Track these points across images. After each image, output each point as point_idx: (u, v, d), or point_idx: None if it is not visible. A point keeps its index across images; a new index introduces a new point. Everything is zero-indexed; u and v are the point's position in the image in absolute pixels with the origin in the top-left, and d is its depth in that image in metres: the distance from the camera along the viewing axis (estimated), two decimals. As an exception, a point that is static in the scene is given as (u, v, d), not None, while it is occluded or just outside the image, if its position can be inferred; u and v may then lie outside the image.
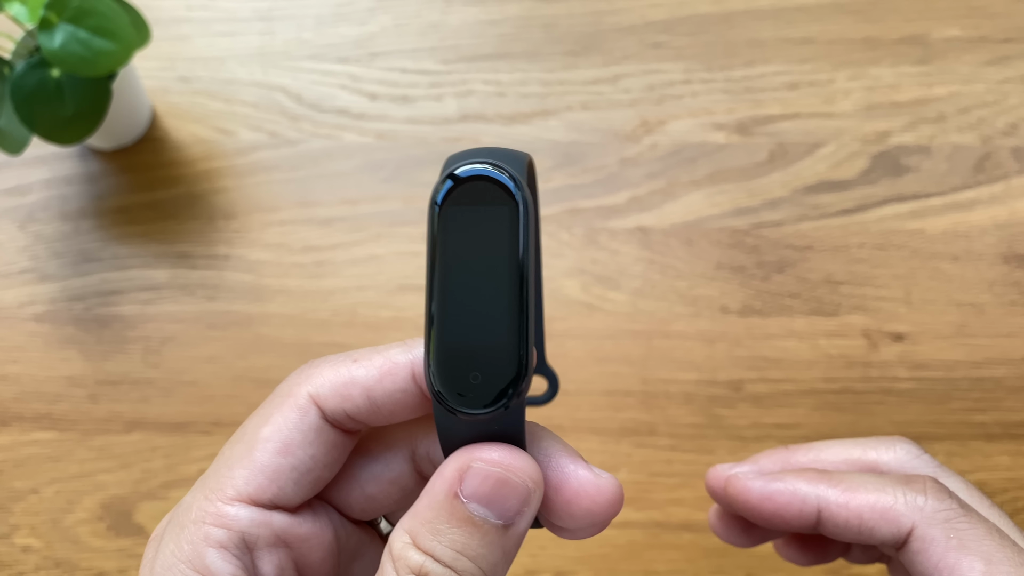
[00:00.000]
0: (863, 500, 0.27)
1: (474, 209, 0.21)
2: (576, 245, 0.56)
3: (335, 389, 0.23)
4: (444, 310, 0.21)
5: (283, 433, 0.22)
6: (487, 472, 0.21)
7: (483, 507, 0.21)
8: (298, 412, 0.23)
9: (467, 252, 0.21)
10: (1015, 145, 0.57)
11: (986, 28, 0.60)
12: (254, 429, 0.23)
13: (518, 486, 0.21)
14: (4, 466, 0.53)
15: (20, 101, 0.50)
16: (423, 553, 0.21)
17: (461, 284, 0.21)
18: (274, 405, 0.23)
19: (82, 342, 0.55)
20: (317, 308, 0.55)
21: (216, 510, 0.22)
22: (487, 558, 0.21)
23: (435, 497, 0.21)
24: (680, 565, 0.49)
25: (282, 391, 0.23)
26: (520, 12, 0.62)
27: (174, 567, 0.22)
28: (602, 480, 0.22)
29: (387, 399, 0.23)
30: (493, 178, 0.21)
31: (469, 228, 0.21)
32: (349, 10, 0.63)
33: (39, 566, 0.51)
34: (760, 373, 0.53)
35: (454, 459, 0.21)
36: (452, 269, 0.21)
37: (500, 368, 0.21)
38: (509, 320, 0.21)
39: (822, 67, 0.60)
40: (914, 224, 0.56)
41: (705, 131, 0.58)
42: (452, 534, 0.21)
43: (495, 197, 0.21)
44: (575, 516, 0.22)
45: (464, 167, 0.21)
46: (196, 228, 0.57)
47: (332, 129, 0.59)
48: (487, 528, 0.21)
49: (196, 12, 0.63)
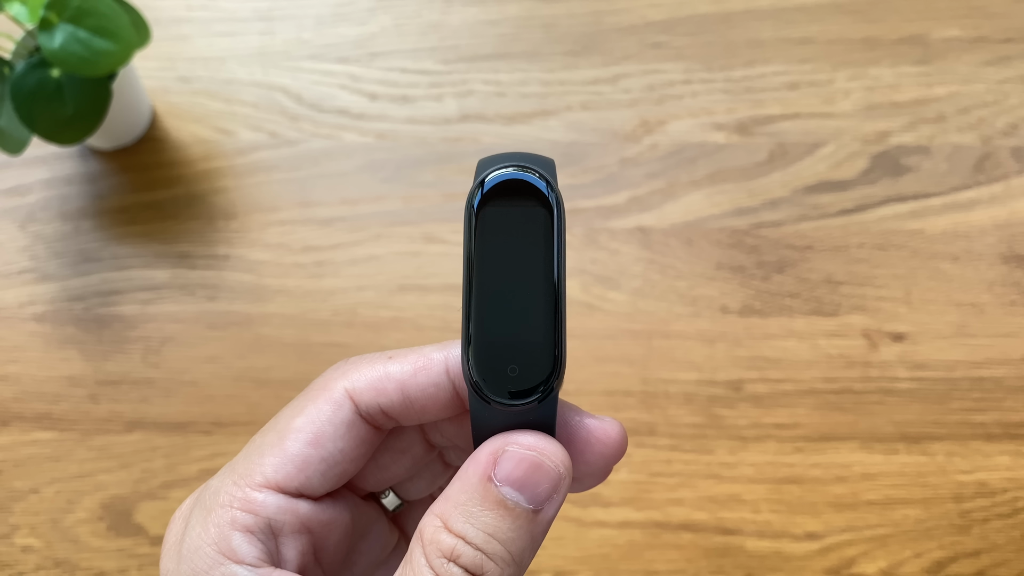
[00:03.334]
0: None
1: (510, 211, 0.22)
2: (576, 245, 0.56)
3: (371, 384, 0.23)
4: (483, 306, 0.22)
5: (315, 425, 0.23)
6: (522, 455, 0.22)
7: (516, 491, 0.21)
8: (332, 405, 0.23)
9: (504, 252, 0.22)
10: (1015, 145, 0.57)
11: (986, 28, 0.60)
12: (287, 419, 0.23)
13: (551, 470, 0.22)
14: (4, 466, 0.53)
15: (20, 101, 0.50)
16: (455, 536, 0.21)
17: (499, 282, 0.22)
18: (309, 398, 0.23)
19: (82, 342, 0.55)
20: (317, 308, 0.55)
21: (244, 495, 0.22)
22: (516, 542, 0.21)
23: (468, 480, 0.21)
24: (680, 565, 0.49)
25: (318, 385, 0.24)
26: (520, 12, 0.62)
27: (200, 549, 0.22)
28: (606, 423, 0.23)
29: (420, 393, 0.23)
30: (528, 182, 0.22)
31: (505, 230, 0.22)
32: (349, 10, 0.63)
33: (39, 566, 0.51)
34: (760, 373, 0.53)
35: (488, 444, 0.22)
36: (491, 268, 0.22)
37: (537, 362, 0.22)
38: (545, 317, 0.22)
39: (822, 67, 0.60)
40: (914, 224, 0.56)
41: (705, 131, 0.58)
42: (484, 517, 0.21)
43: (530, 200, 0.22)
44: (590, 462, 0.23)
45: (499, 171, 0.22)
46: (196, 228, 0.57)
47: (332, 129, 0.59)
48: (518, 512, 0.21)
49: (196, 12, 0.63)
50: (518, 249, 0.22)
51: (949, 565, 0.49)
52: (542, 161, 0.23)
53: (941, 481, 0.50)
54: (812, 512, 0.50)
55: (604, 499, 0.50)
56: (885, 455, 0.51)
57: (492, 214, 0.22)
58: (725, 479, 0.51)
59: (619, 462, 0.24)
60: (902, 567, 0.49)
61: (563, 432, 0.23)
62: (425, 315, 0.54)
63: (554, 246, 0.22)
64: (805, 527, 0.50)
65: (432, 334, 0.54)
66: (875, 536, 0.49)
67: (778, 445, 0.51)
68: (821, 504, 0.50)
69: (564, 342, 0.22)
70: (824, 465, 0.50)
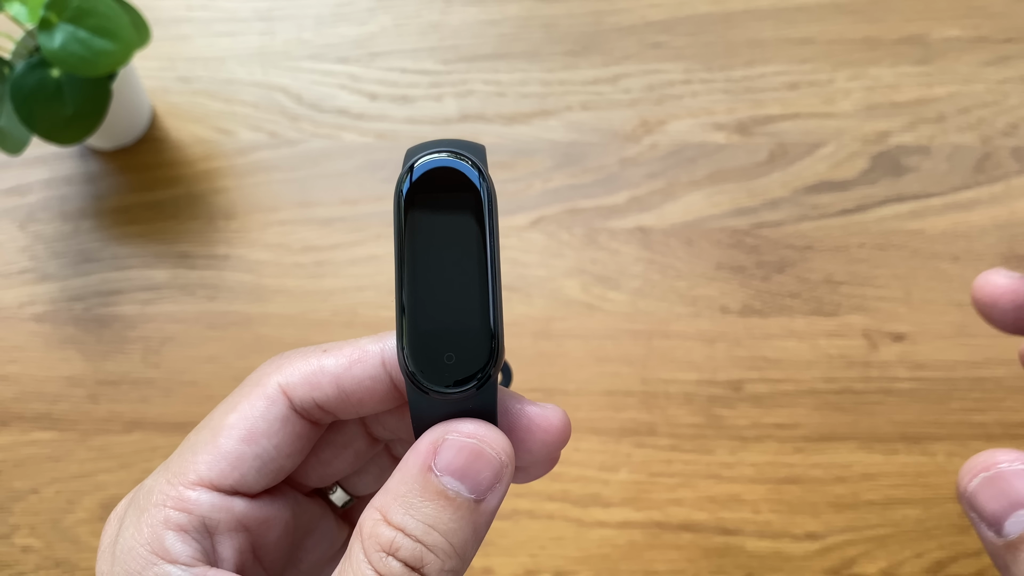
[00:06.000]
0: None
1: (439, 198, 0.22)
2: (576, 245, 0.56)
3: (304, 378, 0.23)
4: (416, 296, 0.21)
5: (248, 421, 0.23)
6: (462, 444, 0.21)
7: (456, 480, 0.21)
8: (266, 401, 0.23)
9: (435, 240, 0.21)
10: (1015, 145, 0.57)
11: (986, 28, 0.60)
12: (221, 416, 0.23)
13: (492, 458, 0.21)
14: (4, 466, 0.53)
15: (20, 101, 0.50)
16: (394, 528, 0.21)
17: (431, 270, 0.21)
18: (242, 394, 0.23)
19: (82, 342, 0.55)
20: (317, 308, 0.55)
21: (178, 494, 0.22)
22: (458, 533, 0.21)
23: (408, 472, 0.21)
24: (680, 565, 0.49)
25: (251, 380, 0.23)
26: (520, 12, 0.62)
27: (134, 550, 0.22)
28: (548, 411, 0.23)
29: (356, 386, 0.23)
30: (456, 168, 0.22)
31: (436, 217, 0.22)
32: (349, 10, 0.63)
33: (39, 566, 0.51)
34: (760, 373, 0.53)
35: (428, 435, 0.22)
36: (422, 256, 0.21)
37: (473, 349, 0.21)
38: (480, 304, 0.21)
39: (822, 67, 0.60)
40: (914, 224, 0.56)
41: (705, 131, 0.58)
42: (425, 508, 0.21)
43: (459, 186, 0.22)
44: (532, 450, 0.23)
45: (427, 157, 0.22)
46: (196, 228, 0.57)
47: (332, 129, 0.59)
48: (459, 502, 0.21)
49: (196, 12, 0.63)
50: (450, 237, 0.22)
51: (949, 565, 0.49)
52: (472, 147, 0.22)
53: (941, 481, 0.50)
54: (812, 512, 0.50)
55: (604, 499, 0.50)
56: (885, 455, 0.51)
57: (422, 201, 0.21)
58: (725, 479, 0.51)
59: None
60: (902, 567, 0.49)
61: (504, 420, 0.23)
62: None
63: (486, 232, 0.22)
64: (805, 527, 0.50)
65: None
66: (875, 536, 0.49)
67: (778, 445, 0.51)
68: (821, 504, 0.50)
69: (500, 328, 0.22)
70: (824, 465, 0.50)
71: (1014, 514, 0.21)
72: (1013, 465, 0.21)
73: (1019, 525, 0.20)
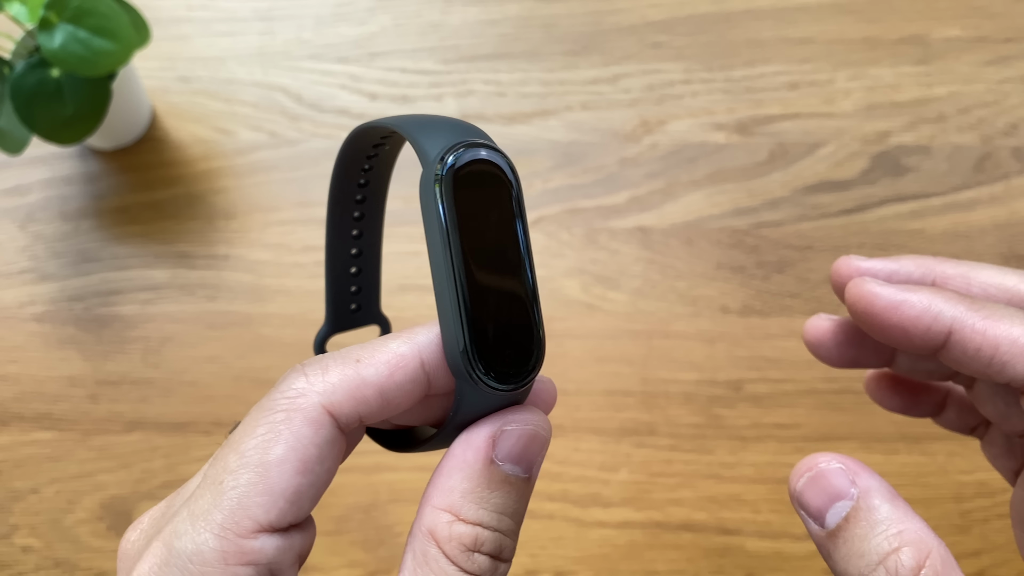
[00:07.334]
0: (1005, 331, 0.24)
1: (478, 192, 0.21)
2: (576, 245, 0.56)
3: (349, 394, 0.22)
4: (473, 294, 0.21)
5: (298, 452, 0.21)
6: (520, 431, 0.22)
7: (514, 464, 0.22)
8: (312, 426, 0.21)
9: (480, 235, 0.21)
10: (1015, 145, 0.57)
11: (986, 28, 0.60)
12: (260, 450, 0.21)
13: (544, 439, 0.22)
14: (4, 466, 0.53)
15: (20, 101, 0.50)
16: (472, 525, 0.21)
17: (481, 267, 0.21)
18: (280, 420, 0.21)
19: (82, 342, 0.55)
20: (317, 308, 0.55)
21: (238, 548, 0.20)
22: (520, 512, 0.22)
23: (472, 467, 0.22)
24: (680, 565, 0.49)
25: (283, 403, 0.22)
26: (520, 12, 0.62)
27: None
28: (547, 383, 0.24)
29: (398, 392, 0.22)
30: (493, 162, 0.21)
31: (476, 211, 0.21)
32: (349, 10, 0.63)
33: (39, 566, 0.51)
34: (760, 373, 0.53)
35: (483, 430, 0.22)
36: (469, 253, 0.21)
37: (526, 344, 0.22)
38: (527, 297, 0.22)
39: (822, 67, 0.60)
40: (914, 224, 0.56)
41: (705, 131, 0.58)
42: (494, 498, 0.21)
43: (494, 180, 0.22)
44: None
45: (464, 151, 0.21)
46: (196, 228, 0.57)
47: (332, 129, 0.59)
48: (519, 484, 0.22)
49: (196, 12, 0.63)
50: (488, 231, 0.21)
51: (949, 565, 0.49)
52: (483, 134, 0.22)
53: (941, 481, 0.50)
54: (812, 512, 0.50)
55: (604, 499, 0.50)
56: (885, 455, 0.51)
57: (462, 196, 0.21)
58: (725, 479, 0.51)
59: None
60: (902, 567, 0.49)
61: None
62: (425, 315, 0.54)
63: (522, 226, 0.22)
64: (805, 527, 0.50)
65: (432, 334, 0.54)
66: (875, 536, 0.49)
67: (778, 445, 0.51)
68: (821, 504, 0.50)
69: (542, 320, 0.22)
70: (824, 465, 0.50)
71: (833, 507, 0.23)
72: (831, 464, 0.23)
73: (837, 516, 0.23)
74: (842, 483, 0.23)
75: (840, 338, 0.30)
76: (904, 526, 0.22)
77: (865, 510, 0.22)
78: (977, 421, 0.32)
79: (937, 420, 0.32)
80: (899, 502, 0.23)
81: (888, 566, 0.22)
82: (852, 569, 0.22)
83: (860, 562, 0.22)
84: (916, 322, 0.25)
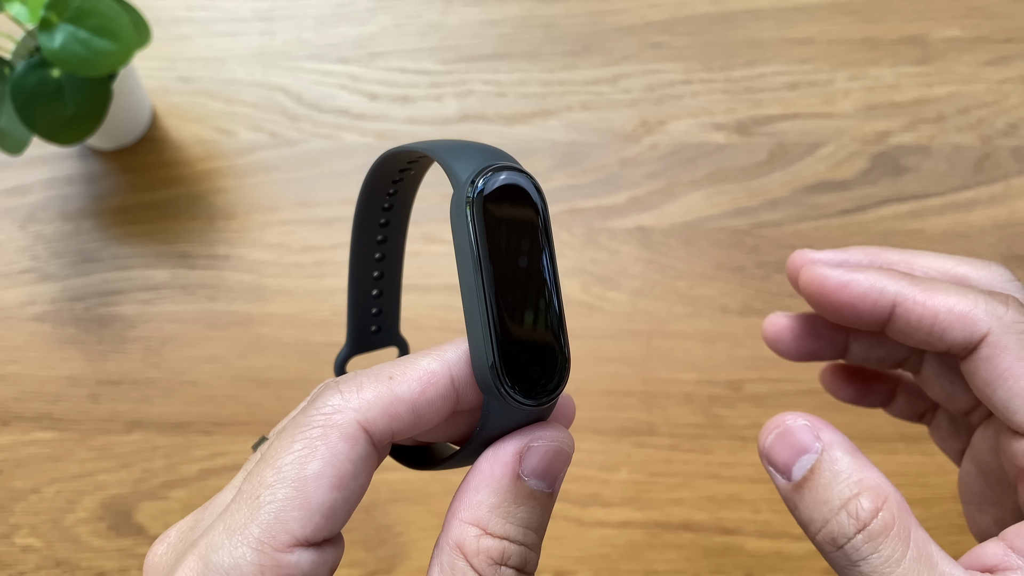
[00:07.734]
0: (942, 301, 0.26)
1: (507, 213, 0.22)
2: (576, 245, 0.56)
3: (384, 411, 0.22)
4: (504, 311, 0.22)
5: (335, 467, 0.21)
6: (547, 447, 0.23)
7: (540, 480, 0.23)
8: (348, 442, 0.22)
9: (506, 255, 0.22)
10: (1015, 145, 0.57)
11: (986, 28, 0.60)
12: (297, 465, 0.21)
13: (567, 455, 0.23)
14: (4, 466, 0.53)
15: (20, 101, 0.50)
16: (499, 539, 0.22)
17: (507, 286, 0.22)
18: (316, 436, 0.22)
19: (82, 342, 0.55)
20: (317, 308, 0.55)
21: (275, 562, 0.21)
22: (543, 525, 0.23)
23: (499, 482, 0.22)
24: (680, 565, 0.49)
25: (318, 420, 0.22)
26: (520, 12, 0.62)
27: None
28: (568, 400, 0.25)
29: (429, 408, 0.23)
30: (521, 186, 0.22)
31: (505, 231, 0.22)
32: (349, 10, 0.63)
33: (39, 566, 0.51)
34: (760, 373, 0.53)
35: (510, 445, 0.23)
36: (498, 272, 0.22)
37: (552, 360, 0.23)
38: (554, 315, 0.23)
39: (822, 67, 0.60)
40: (914, 224, 0.56)
41: (705, 131, 0.58)
42: (520, 513, 0.22)
43: (522, 201, 0.22)
44: None
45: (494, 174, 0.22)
46: (196, 228, 0.57)
47: (332, 129, 0.59)
48: (543, 498, 0.23)
49: (196, 12, 0.63)
50: (520, 251, 0.22)
51: (949, 565, 0.49)
52: (511, 157, 0.23)
53: (941, 481, 0.50)
54: (812, 512, 0.50)
55: (604, 499, 0.50)
56: (885, 455, 0.51)
57: (492, 218, 0.22)
58: (725, 479, 0.51)
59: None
60: (902, 567, 0.49)
61: None
62: (425, 315, 0.54)
63: (545, 245, 0.23)
64: (805, 527, 0.50)
65: (432, 334, 0.54)
66: (875, 536, 0.49)
67: (778, 445, 0.51)
68: (821, 504, 0.50)
69: (567, 337, 0.23)
70: (824, 465, 0.50)
71: (799, 460, 0.25)
72: (796, 421, 0.25)
73: (803, 469, 0.25)
74: (807, 438, 0.25)
75: (796, 332, 0.32)
76: (863, 475, 0.24)
77: (828, 462, 0.24)
78: (925, 407, 0.34)
79: (888, 410, 0.34)
80: (859, 455, 0.24)
81: (849, 510, 0.23)
82: (816, 515, 0.24)
83: (823, 508, 0.24)
84: (863, 298, 0.27)
